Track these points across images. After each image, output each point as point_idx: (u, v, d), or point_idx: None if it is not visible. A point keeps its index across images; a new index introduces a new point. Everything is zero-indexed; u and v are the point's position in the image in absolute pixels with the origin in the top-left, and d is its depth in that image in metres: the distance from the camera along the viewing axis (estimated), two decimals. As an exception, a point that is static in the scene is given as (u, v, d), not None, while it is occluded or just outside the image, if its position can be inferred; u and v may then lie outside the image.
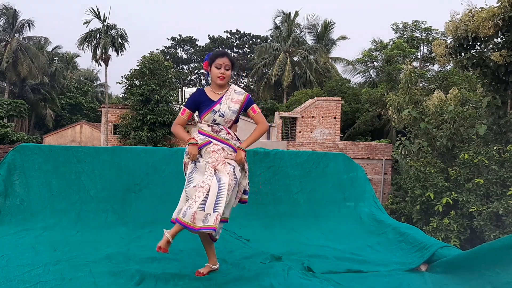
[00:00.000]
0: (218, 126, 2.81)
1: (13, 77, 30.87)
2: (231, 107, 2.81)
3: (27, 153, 3.89)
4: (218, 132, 2.81)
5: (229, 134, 2.83)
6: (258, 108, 2.92)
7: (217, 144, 2.77)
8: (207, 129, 2.81)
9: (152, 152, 4.24)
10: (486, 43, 11.61)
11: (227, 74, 2.80)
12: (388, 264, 3.18)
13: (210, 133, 2.80)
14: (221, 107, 2.79)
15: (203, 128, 2.82)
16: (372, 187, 4.68)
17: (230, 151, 2.78)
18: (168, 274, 2.69)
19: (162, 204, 4.01)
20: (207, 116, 2.79)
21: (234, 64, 2.85)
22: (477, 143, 11.71)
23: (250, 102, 2.88)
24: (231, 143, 2.80)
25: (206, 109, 2.79)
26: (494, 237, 9.19)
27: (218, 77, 2.78)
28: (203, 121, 2.82)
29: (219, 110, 2.79)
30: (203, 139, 2.79)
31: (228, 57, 2.81)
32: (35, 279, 2.50)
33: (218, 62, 2.79)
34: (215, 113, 2.78)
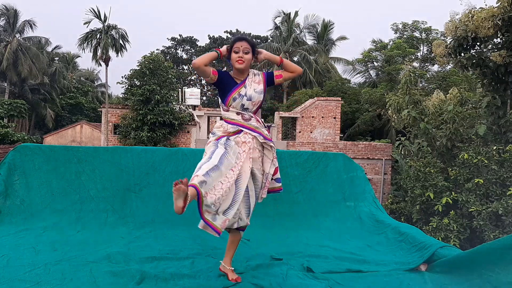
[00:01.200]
0: (248, 113, 2.72)
1: (13, 77, 30.87)
2: (256, 88, 2.74)
3: (27, 153, 3.90)
4: (248, 120, 2.71)
5: (258, 122, 2.75)
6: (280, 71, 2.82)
7: (248, 133, 2.68)
8: (237, 118, 2.71)
9: (152, 152, 4.25)
10: (485, 43, 11.62)
11: (246, 58, 2.70)
12: (388, 264, 3.18)
13: (240, 121, 2.70)
14: (247, 90, 2.72)
15: (231, 117, 2.71)
16: (371, 187, 4.68)
17: (262, 139, 2.70)
18: (168, 274, 2.70)
19: (162, 204, 4.01)
20: (235, 102, 2.69)
21: (254, 47, 2.75)
22: (477, 143, 11.71)
23: (269, 73, 2.81)
24: (261, 130, 2.72)
25: (230, 91, 2.70)
26: (494, 237, 9.19)
27: (237, 60, 2.70)
28: (231, 108, 2.71)
29: (246, 94, 2.71)
30: (233, 127, 2.68)
31: (246, 41, 2.74)
32: (35, 279, 2.50)
33: (236, 46, 2.71)
34: (242, 98, 2.70)
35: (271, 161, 2.79)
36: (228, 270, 2.73)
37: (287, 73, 2.81)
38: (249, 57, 2.73)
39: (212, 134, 2.74)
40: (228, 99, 2.72)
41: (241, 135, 2.68)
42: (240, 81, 2.75)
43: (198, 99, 23.99)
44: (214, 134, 2.73)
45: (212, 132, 2.77)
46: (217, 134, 2.71)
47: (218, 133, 2.71)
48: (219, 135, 2.70)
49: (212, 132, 2.77)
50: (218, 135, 2.70)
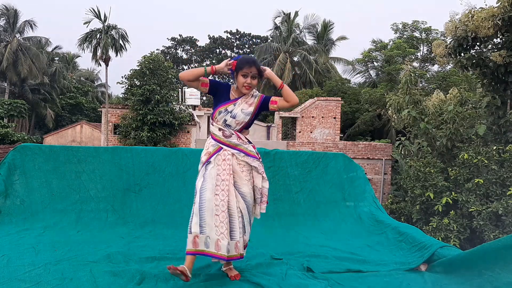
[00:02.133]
0: (229, 130, 2.72)
1: (13, 77, 30.87)
2: (244, 109, 2.73)
3: (28, 153, 3.90)
4: (229, 137, 2.72)
5: (239, 139, 2.74)
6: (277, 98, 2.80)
7: (227, 150, 2.70)
8: (218, 134, 2.73)
9: (152, 152, 4.25)
10: (485, 43, 11.62)
11: (253, 84, 2.70)
12: (387, 264, 3.18)
13: (220, 138, 2.72)
14: (234, 108, 2.71)
15: (214, 132, 2.75)
16: (371, 187, 4.68)
17: (242, 156, 2.71)
18: (168, 274, 2.69)
19: (162, 204, 4.02)
20: (219, 116, 2.71)
21: (261, 73, 2.74)
22: (477, 143, 11.71)
23: (266, 98, 2.79)
24: (242, 147, 2.72)
25: (219, 104, 2.72)
26: (494, 237, 9.19)
27: (244, 86, 2.69)
28: (215, 123, 2.74)
29: (232, 111, 2.71)
30: (214, 145, 2.73)
31: (256, 66, 2.69)
32: (35, 279, 2.50)
33: (245, 70, 2.68)
34: (227, 113, 2.71)
35: (261, 176, 2.79)
36: (228, 268, 2.75)
37: (283, 101, 2.75)
38: (256, 82, 2.73)
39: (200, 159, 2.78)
40: (215, 112, 2.75)
41: (220, 153, 2.71)
42: (234, 98, 2.76)
43: (198, 99, 24.00)
44: (201, 160, 2.77)
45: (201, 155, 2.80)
46: (202, 159, 2.75)
47: (203, 158, 2.75)
48: (203, 160, 2.74)
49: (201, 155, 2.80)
50: (202, 160, 2.75)
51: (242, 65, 2.69)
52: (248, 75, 2.68)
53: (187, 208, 4.07)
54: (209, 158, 2.70)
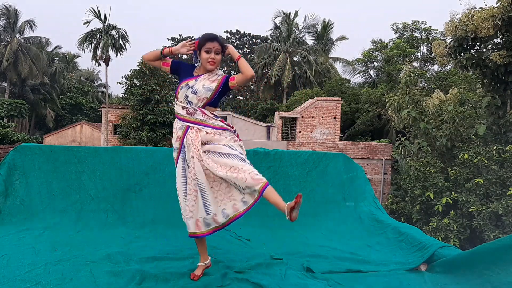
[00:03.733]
0: (192, 107, 2.66)
1: (13, 77, 30.88)
2: (205, 85, 2.66)
3: (28, 153, 3.89)
4: (193, 114, 2.66)
5: (204, 115, 2.66)
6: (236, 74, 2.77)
7: (194, 128, 2.65)
8: (182, 112, 2.68)
9: (152, 152, 4.24)
10: (485, 43, 11.62)
11: (217, 59, 2.67)
12: (387, 264, 3.18)
13: (185, 116, 2.67)
14: (196, 83, 2.66)
15: (178, 112, 2.71)
16: (371, 187, 4.68)
17: (210, 131, 2.66)
18: (168, 274, 2.70)
19: (162, 204, 4.01)
20: (181, 92, 2.68)
21: (224, 48, 2.71)
22: (477, 143, 11.72)
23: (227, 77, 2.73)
24: (208, 123, 2.66)
25: (181, 80, 2.71)
26: (494, 237, 9.19)
27: (208, 61, 2.66)
28: (178, 101, 2.70)
29: (193, 86, 2.66)
30: (181, 127, 2.68)
31: (218, 41, 2.67)
32: (35, 279, 2.50)
33: (208, 46, 2.65)
34: (188, 88, 2.66)
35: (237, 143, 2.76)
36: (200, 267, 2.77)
37: (239, 75, 2.67)
38: (220, 57, 2.70)
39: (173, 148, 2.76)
40: (177, 89, 2.72)
41: (189, 132, 2.65)
42: (197, 72, 2.73)
43: (198, 99, 23.95)
44: (174, 147, 2.74)
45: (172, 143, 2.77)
46: (175, 146, 2.72)
47: (175, 144, 2.71)
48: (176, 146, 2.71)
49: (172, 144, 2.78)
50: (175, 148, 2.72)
51: (204, 42, 2.67)
52: (211, 50, 2.66)
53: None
54: (182, 143, 2.66)
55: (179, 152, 2.68)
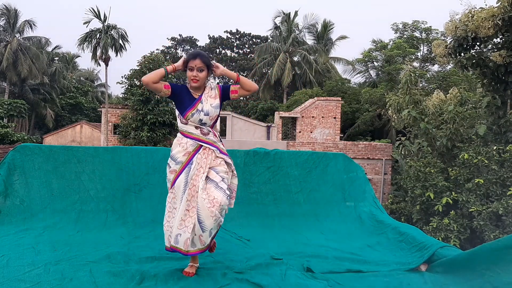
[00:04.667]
0: (206, 128, 2.75)
1: (13, 77, 30.87)
2: (212, 103, 2.75)
3: (27, 153, 3.89)
4: (207, 134, 2.75)
5: (215, 137, 2.79)
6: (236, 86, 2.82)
7: (207, 148, 2.73)
8: (195, 132, 2.73)
9: (152, 152, 4.24)
10: (485, 43, 11.62)
11: (200, 76, 2.70)
12: (388, 264, 3.18)
13: (199, 136, 2.73)
14: (203, 105, 2.72)
15: (190, 131, 2.73)
16: (371, 187, 4.68)
17: (218, 153, 2.76)
18: (168, 274, 2.69)
19: (162, 204, 3.98)
20: (193, 117, 2.71)
21: (209, 66, 2.73)
22: (477, 143, 11.71)
23: (225, 87, 2.82)
24: (217, 145, 2.77)
25: (188, 107, 2.71)
26: (494, 237, 9.19)
27: (192, 79, 2.71)
28: (190, 122, 2.72)
29: (203, 109, 2.71)
30: (193, 144, 2.72)
31: (200, 59, 2.70)
32: (35, 279, 2.50)
33: (190, 64, 2.69)
34: (199, 113, 2.71)
35: (232, 173, 2.86)
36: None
37: (243, 90, 2.79)
38: (204, 75, 2.72)
39: (173, 159, 2.73)
40: (186, 114, 2.72)
41: (201, 151, 2.72)
42: (197, 96, 2.76)
43: (198, 99, 23.96)
44: (176, 160, 2.71)
45: (172, 155, 2.74)
46: (178, 159, 2.70)
47: (179, 158, 2.70)
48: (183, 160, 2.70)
49: (171, 155, 2.74)
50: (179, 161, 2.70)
51: (187, 60, 2.72)
52: (193, 68, 2.69)
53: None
54: (191, 158, 2.70)
55: (184, 167, 2.69)
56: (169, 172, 2.74)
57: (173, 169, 2.72)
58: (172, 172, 2.73)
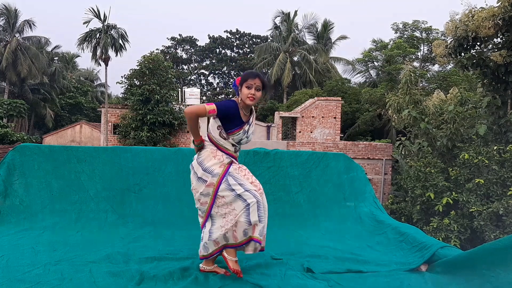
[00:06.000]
0: (239, 147, 2.87)
1: (13, 77, 30.86)
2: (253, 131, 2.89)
3: (27, 153, 3.89)
4: (237, 151, 2.87)
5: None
6: None
7: (235, 163, 2.83)
8: (231, 149, 2.79)
9: (152, 152, 4.24)
10: (486, 43, 11.62)
11: (257, 95, 2.73)
12: (388, 264, 3.17)
13: (233, 153, 2.81)
14: (249, 129, 2.82)
15: (226, 147, 2.78)
16: (372, 187, 4.67)
17: None
18: (168, 274, 2.69)
19: (162, 204, 4.01)
20: (237, 136, 2.76)
21: (265, 86, 2.78)
22: (477, 143, 11.70)
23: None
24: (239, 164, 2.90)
25: (236, 126, 2.74)
26: (495, 237, 9.18)
27: (248, 97, 2.71)
28: (231, 139, 2.77)
29: (248, 131, 2.81)
30: (227, 157, 2.78)
31: (260, 79, 2.74)
32: (35, 279, 2.49)
33: (250, 82, 2.72)
34: (244, 134, 2.79)
35: None
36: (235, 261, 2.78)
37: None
38: (260, 95, 2.76)
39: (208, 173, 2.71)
40: (234, 131, 2.74)
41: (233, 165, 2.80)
42: (246, 118, 2.80)
43: (198, 99, 24.00)
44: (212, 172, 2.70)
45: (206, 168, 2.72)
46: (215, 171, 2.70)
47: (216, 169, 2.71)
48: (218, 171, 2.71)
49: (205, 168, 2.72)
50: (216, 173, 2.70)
51: (246, 77, 2.74)
52: (252, 86, 2.72)
53: (187, 208, 4.06)
54: (227, 169, 2.73)
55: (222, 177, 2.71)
56: (206, 186, 2.70)
57: (210, 183, 2.69)
58: (210, 186, 2.69)
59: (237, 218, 2.63)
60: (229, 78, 44.34)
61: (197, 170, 2.75)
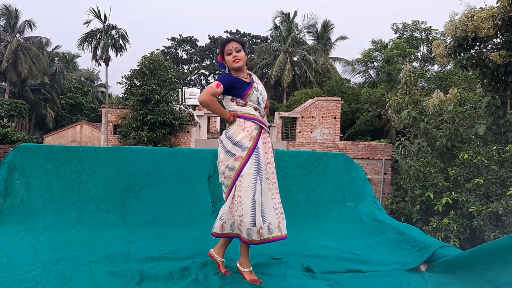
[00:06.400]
0: (262, 109, 2.74)
1: (13, 77, 30.86)
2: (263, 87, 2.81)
3: (28, 153, 3.89)
4: (263, 116, 2.74)
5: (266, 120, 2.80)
6: None
7: (266, 132, 2.74)
8: (256, 113, 2.69)
9: (152, 152, 4.25)
10: (485, 43, 11.62)
11: (240, 55, 2.69)
12: (388, 264, 3.18)
13: (258, 117, 2.70)
14: (257, 86, 2.74)
15: (250, 112, 2.68)
16: (371, 187, 4.68)
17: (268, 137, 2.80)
18: (168, 274, 2.69)
19: (162, 204, 4.01)
20: (253, 95, 2.67)
21: (244, 44, 2.74)
22: (477, 143, 11.71)
23: None
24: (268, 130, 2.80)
25: (245, 88, 2.67)
26: (494, 237, 9.19)
27: (233, 61, 2.68)
28: (249, 102, 2.68)
29: (258, 88, 2.73)
30: (256, 128, 2.67)
31: (234, 41, 2.72)
32: (35, 279, 2.50)
33: (227, 49, 2.70)
34: (257, 91, 2.71)
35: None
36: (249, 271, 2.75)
37: None
38: (243, 54, 2.72)
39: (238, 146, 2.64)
40: (247, 92, 2.67)
41: (262, 135, 2.71)
42: (249, 80, 2.76)
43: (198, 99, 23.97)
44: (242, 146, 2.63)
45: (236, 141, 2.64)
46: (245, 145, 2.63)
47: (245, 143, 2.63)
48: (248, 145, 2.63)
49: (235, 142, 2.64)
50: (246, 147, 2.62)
51: (222, 47, 2.75)
52: (232, 51, 2.70)
53: (187, 208, 4.07)
54: (256, 143, 2.64)
55: (251, 152, 2.63)
56: (234, 160, 2.62)
57: (239, 156, 2.61)
58: (238, 159, 2.61)
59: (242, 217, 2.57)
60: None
61: (226, 144, 2.68)
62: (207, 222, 3.98)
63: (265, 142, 2.71)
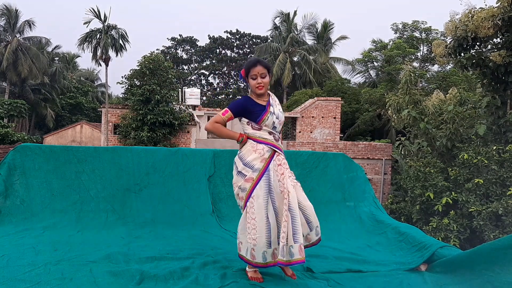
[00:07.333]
0: (277, 133, 2.74)
1: (13, 77, 30.86)
2: (279, 108, 2.79)
3: (28, 153, 3.89)
4: (278, 140, 2.74)
5: (281, 144, 2.79)
6: None
7: (280, 155, 2.69)
8: (269, 138, 2.69)
9: (152, 152, 4.25)
10: (485, 43, 11.63)
11: (264, 82, 2.69)
12: (388, 264, 3.18)
13: (272, 141, 2.69)
14: (274, 109, 2.72)
15: (264, 137, 2.68)
16: (371, 187, 4.68)
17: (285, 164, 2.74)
18: (168, 274, 2.69)
19: (162, 204, 4.01)
20: (268, 120, 2.67)
21: (269, 69, 2.73)
22: (477, 143, 11.72)
23: None
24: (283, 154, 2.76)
25: (261, 113, 2.67)
26: (494, 237, 9.19)
27: (257, 87, 2.69)
28: (264, 127, 2.69)
29: (274, 112, 2.71)
30: (268, 150, 2.67)
31: (261, 65, 2.70)
32: (35, 279, 2.50)
33: (253, 73, 2.68)
34: (273, 115, 2.69)
35: None
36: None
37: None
38: (267, 80, 2.71)
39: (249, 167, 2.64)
40: (262, 118, 2.67)
41: (275, 158, 2.68)
42: (264, 103, 2.74)
43: (198, 99, 24.01)
44: (253, 167, 2.63)
45: (247, 162, 2.66)
46: (255, 166, 2.63)
47: (256, 165, 2.64)
48: (259, 167, 2.63)
49: (246, 163, 2.66)
50: (256, 168, 2.63)
51: (248, 69, 2.71)
52: (257, 76, 2.69)
53: (187, 208, 4.07)
54: (268, 165, 2.65)
55: (262, 174, 2.63)
56: (245, 181, 2.64)
57: (249, 177, 2.63)
58: (248, 180, 2.63)
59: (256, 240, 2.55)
60: (229, 78, 44.35)
61: (238, 164, 2.70)
62: (207, 222, 3.99)
63: (280, 164, 2.67)
